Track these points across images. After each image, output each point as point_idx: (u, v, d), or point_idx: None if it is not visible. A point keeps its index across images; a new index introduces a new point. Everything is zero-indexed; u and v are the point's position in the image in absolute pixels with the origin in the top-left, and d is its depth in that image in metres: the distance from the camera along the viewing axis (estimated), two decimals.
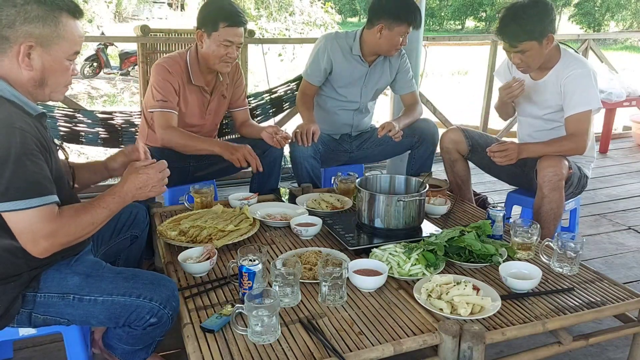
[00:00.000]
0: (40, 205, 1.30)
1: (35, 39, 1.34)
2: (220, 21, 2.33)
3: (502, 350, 1.86)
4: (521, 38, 2.26)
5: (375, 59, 2.84)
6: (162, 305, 1.46)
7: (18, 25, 1.32)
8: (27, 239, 1.32)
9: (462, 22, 25.57)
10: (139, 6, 19.47)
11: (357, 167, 3.15)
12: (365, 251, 1.88)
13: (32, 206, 1.29)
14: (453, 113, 5.88)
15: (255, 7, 12.20)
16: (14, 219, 1.30)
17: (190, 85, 2.48)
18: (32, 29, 1.33)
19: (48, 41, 1.35)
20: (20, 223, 1.30)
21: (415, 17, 2.64)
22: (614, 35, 17.05)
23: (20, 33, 1.32)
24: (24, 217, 1.30)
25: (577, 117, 2.32)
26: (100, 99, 10.30)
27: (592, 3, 21.66)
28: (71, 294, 1.44)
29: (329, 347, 1.34)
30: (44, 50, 1.36)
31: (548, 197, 2.29)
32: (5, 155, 1.26)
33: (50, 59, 1.37)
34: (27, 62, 1.35)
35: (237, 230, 2.00)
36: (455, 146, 2.68)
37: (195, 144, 2.41)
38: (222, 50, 2.37)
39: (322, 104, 2.94)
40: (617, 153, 5.00)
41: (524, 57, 2.31)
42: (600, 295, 1.67)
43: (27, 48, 1.33)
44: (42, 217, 1.31)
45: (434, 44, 6.43)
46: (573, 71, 2.33)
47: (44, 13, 1.34)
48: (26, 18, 1.32)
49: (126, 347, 1.59)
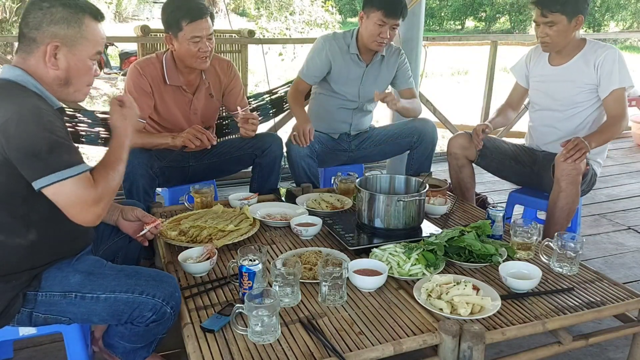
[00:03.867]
0: (80, 172, 1.36)
1: (61, 40, 1.41)
2: (181, 19, 2.29)
3: (502, 350, 1.86)
4: (554, 8, 2.32)
5: (372, 58, 2.83)
6: (164, 301, 1.47)
7: (45, 26, 1.40)
8: (78, 209, 1.37)
9: (462, 22, 25.56)
10: (139, 6, 19.46)
11: (357, 167, 3.15)
12: (365, 251, 1.88)
13: (75, 174, 1.35)
14: (453, 113, 5.87)
15: (256, 7, 12.21)
16: (61, 191, 1.34)
17: (166, 86, 2.44)
18: (58, 29, 1.41)
19: (73, 42, 1.43)
20: (67, 195, 1.35)
21: (389, 4, 2.56)
22: (614, 35, 17.03)
23: (46, 34, 1.40)
24: (69, 188, 1.35)
25: (618, 94, 2.37)
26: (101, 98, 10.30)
27: (592, 3, 21.66)
28: (73, 292, 1.45)
29: (329, 347, 1.34)
30: (69, 50, 1.43)
31: (565, 192, 2.29)
32: (41, 134, 1.32)
33: (75, 58, 1.45)
34: (53, 61, 1.42)
35: (237, 230, 2.00)
36: (464, 152, 2.66)
37: (151, 140, 2.41)
38: (193, 48, 2.33)
39: (321, 102, 2.94)
40: (617, 153, 5.00)
41: (551, 31, 2.36)
42: (600, 295, 1.67)
43: (53, 48, 1.41)
44: (85, 185, 1.37)
45: (434, 44, 6.42)
46: (607, 51, 2.39)
47: (68, 15, 1.42)
48: (52, 20, 1.40)
49: (127, 346, 1.59)
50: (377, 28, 2.61)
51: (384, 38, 2.64)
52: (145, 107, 2.40)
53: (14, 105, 1.32)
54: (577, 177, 2.28)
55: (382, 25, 2.60)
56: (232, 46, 4.56)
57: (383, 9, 2.56)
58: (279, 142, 2.66)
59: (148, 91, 2.40)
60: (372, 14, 2.61)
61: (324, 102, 2.93)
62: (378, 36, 2.63)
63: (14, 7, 8.51)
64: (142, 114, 2.40)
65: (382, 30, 2.62)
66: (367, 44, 2.70)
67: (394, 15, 2.59)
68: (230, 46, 4.58)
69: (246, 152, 2.62)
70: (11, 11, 8.53)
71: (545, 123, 2.61)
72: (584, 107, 2.47)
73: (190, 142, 2.33)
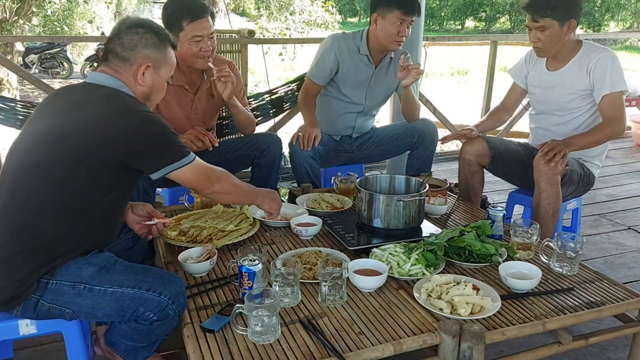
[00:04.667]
0: (195, 159, 1.62)
1: (152, 61, 1.63)
2: (182, 19, 2.28)
3: (502, 350, 1.86)
4: (544, 13, 2.30)
5: (382, 60, 2.82)
6: (170, 300, 1.48)
7: (139, 48, 1.61)
8: (203, 178, 1.66)
9: (462, 22, 25.57)
10: (139, 6, 19.45)
11: (357, 167, 3.15)
12: (365, 251, 1.88)
13: (192, 159, 1.61)
14: (453, 113, 5.88)
15: (255, 7, 12.21)
16: (188, 171, 1.60)
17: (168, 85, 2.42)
18: (150, 53, 1.63)
19: (159, 64, 1.66)
20: (193, 171, 1.61)
21: (407, 2, 2.58)
22: (614, 35, 17.07)
23: (140, 55, 1.61)
24: (194, 166, 1.61)
25: (611, 98, 2.34)
26: None
27: (592, 3, 21.65)
28: (82, 284, 1.47)
29: (329, 347, 1.34)
30: (155, 71, 1.65)
31: (545, 192, 2.30)
32: (157, 128, 1.55)
33: (158, 79, 1.68)
34: (142, 79, 1.63)
35: (237, 230, 2.00)
36: (478, 159, 2.58)
37: None
38: (194, 47, 2.32)
39: (325, 104, 2.92)
40: (617, 153, 5.00)
41: (542, 35, 2.35)
42: (600, 295, 1.67)
43: (145, 67, 1.62)
44: (205, 165, 1.67)
45: (434, 44, 6.42)
46: (600, 54, 2.36)
47: (158, 41, 1.65)
48: (146, 44, 1.62)
49: (129, 344, 1.59)
50: (396, 27, 2.61)
51: (403, 36, 2.65)
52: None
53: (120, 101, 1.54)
54: (555, 177, 2.28)
55: (401, 23, 2.61)
56: (232, 46, 4.56)
57: (403, 8, 2.57)
58: (278, 142, 2.65)
59: None
60: (389, 14, 2.60)
61: (329, 105, 2.92)
62: (397, 35, 2.63)
63: (14, 7, 8.51)
64: None
65: (401, 28, 2.62)
66: (386, 44, 2.69)
67: (412, 12, 2.61)
68: (230, 46, 4.58)
69: (245, 152, 2.62)
70: (11, 11, 8.52)
71: (543, 126, 2.60)
72: (580, 112, 2.47)
73: (192, 144, 2.33)
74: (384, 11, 2.61)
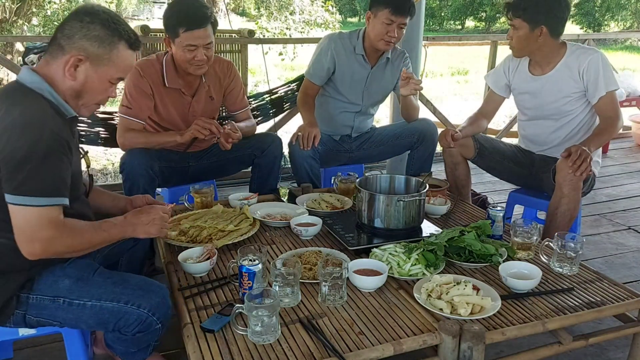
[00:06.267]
0: (47, 205, 1.33)
1: (87, 55, 1.43)
2: (178, 27, 2.25)
3: (502, 350, 1.86)
4: (516, 13, 2.34)
5: (378, 60, 2.82)
6: (150, 312, 1.45)
7: (77, 39, 1.42)
8: (25, 237, 1.33)
9: (462, 22, 25.55)
10: (139, 6, 19.43)
11: (357, 167, 3.15)
12: (365, 251, 1.87)
13: (40, 204, 1.31)
14: (453, 113, 5.88)
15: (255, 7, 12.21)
16: (19, 214, 1.32)
17: (165, 88, 2.43)
18: (88, 45, 1.43)
19: (98, 60, 1.45)
20: (23, 219, 1.32)
21: (396, 1, 2.55)
22: (614, 35, 17.05)
23: (75, 45, 1.42)
24: (29, 214, 1.31)
25: (608, 98, 2.36)
26: None
27: (592, 3, 21.64)
28: (61, 297, 1.44)
29: (329, 347, 1.34)
30: (92, 66, 1.45)
31: (567, 197, 2.27)
32: (30, 151, 1.30)
33: (95, 76, 1.46)
34: (72, 72, 1.44)
35: (237, 230, 2.00)
36: (461, 150, 2.64)
37: (157, 139, 2.41)
38: (188, 55, 2.29)
39: (323, 104, 2.93)
40: (617, 153, 5.00)
41: (514, 35, 2.39)
42: (600, 295, 1.67)
43: (76, 60, 1.42)
44: (46, 220, 1.33)
45: (434, 44, 6.44)
46: (590, 56, 2.37)
47: (104, 35, 1.44)
48: (86, 35, 1.43)
49: (123, 348, 1.60)
50: (385, 27, 2.60)
51: (392, 37, 2.63)
52: (145, 108, 2.40)
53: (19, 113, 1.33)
54: (579, 182, 2.27)
55: (390, 23, 2.59)
56: (232, 46, 4.57)
57: (391, 7, 2.55)
58: (278, 142, 2.66)
59: (148, 93, 2.39)
60: (379, 12, 2.60)
61: (326, 105, 2.92)
62: (386, 35, 2.62)
63: (14, 7, 8.51)
64: (141, 115, 2.40)
65: (390, 28, 2.60)
66: (375, 43, 2.68)
67: (402, 13, 2.57)
68: (230, 46, 4.59)
69: (245, 152, 2.62)
70: (11, 11, 8.53)
71: (538, 132, 2.59)
72: (575, 114, 2.46)
73: (199, 133, 2.32)
74: (376, 9, 2.62)
